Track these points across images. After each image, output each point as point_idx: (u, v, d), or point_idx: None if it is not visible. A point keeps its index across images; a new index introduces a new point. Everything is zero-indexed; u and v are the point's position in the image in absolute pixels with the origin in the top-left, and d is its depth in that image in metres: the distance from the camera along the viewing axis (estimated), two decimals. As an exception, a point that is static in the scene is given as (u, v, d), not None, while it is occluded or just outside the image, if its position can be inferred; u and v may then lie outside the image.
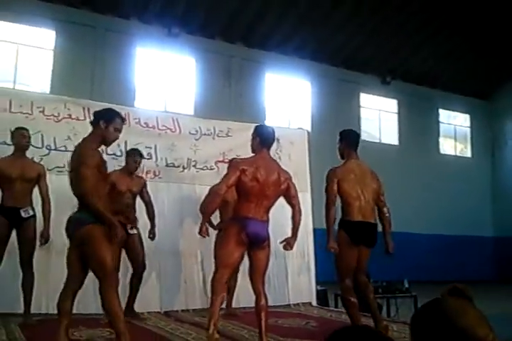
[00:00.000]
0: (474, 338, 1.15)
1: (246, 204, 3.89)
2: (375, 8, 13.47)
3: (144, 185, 5.48)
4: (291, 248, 4.12)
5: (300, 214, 4.12)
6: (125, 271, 5.22)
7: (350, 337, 1.23)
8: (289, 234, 4.12)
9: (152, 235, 5.45)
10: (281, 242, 4.11)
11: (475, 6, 13.64)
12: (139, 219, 5.42)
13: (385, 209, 4.51)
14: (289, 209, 6.66)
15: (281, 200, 6.65)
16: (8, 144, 5.02)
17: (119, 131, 3.59)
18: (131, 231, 5.22)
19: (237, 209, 3.98)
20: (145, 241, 5.42)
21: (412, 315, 1.31)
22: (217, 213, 5.38)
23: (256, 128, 4.16)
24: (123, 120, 3.64)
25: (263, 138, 4.04)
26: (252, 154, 4.13)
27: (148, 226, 5.46)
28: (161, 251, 5.80)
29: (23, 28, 11.59)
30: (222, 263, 3.90)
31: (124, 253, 5.17)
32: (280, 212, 6.63)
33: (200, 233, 4.06)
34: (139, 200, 5.45)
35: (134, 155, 5.32)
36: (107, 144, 3.66)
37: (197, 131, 6.46)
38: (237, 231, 3.83)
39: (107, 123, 3.52)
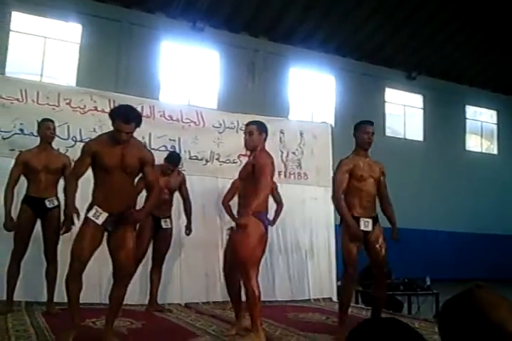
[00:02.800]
0: (505, 332, 1.13)
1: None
2: (401, 2, 13.29)
3: (183, 182, 5.53)
4: None
5: None
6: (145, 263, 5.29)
7: (377, 329, 1.21)
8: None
9: (188, 231, 5.53)
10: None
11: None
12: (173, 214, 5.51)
13: None
14: (309, 206, 6.72)
15: (300, 197, 6.68)
16: (36, 135, 5.10)
17: (122, 131, 3.49)
18: (164, 225, 5.29)
19: (260, 203, 3.95)
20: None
21: (442, 305, 1.30)
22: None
23: (261, 124, 4.25)
24: (126, 121, 3.48)
25: (267, 134, 4.25)
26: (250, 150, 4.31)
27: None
28: (182, 243, 5.84)
29: (50, 21, 11.72)
30: (256, 263, 3.95)
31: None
32: (301, 208, 6.68)
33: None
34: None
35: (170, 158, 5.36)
36: (119, 142, 3.55)
37: (220, 125, 6.48)
38: (263, 229, 3.94)
39: (112, 121, 3.56)
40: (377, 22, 13.75)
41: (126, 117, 3.51)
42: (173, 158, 5.33)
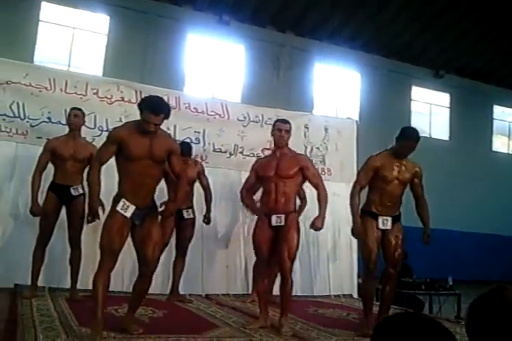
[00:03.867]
0: None
1: None
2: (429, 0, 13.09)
3: (202, 170, 5.52)
4: None
5: None
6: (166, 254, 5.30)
7: (402, 324, 1.19)
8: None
9: (207, 220, 5.52)
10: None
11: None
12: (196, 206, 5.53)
13: None
14: (331, 202, 6.64)
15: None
16: (63, 124, 5.16)
17: (148, 122, 3.43)
18: (186, 216, 5.30)
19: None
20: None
21: (471, 304, 1.29)
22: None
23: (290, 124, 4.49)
24: (155, 113, 3.42)
25: None
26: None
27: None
28: (204, 235, 5.85)
29: (79, 12, 11.82)
30: None
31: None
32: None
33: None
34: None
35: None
36: (146, 132, 3.49)
37: (245, 118, 6.46)
38: None
39: (140, 111, 3.51)
40: (406, 20, 13.56)
41: (155, 108, 3.44)
42: (183, 148, 5.30)
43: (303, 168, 4.27)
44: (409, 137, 4.25)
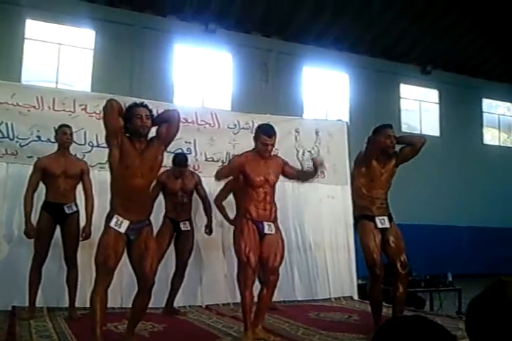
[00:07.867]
0: None
1: None
2: (414, -3, 13.16)
3: (199, 182, 5.49)
4: None
5: None
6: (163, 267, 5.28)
7: (403, 326, 1.19)
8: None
9: (209, 230, 5.45)
10: None
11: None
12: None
13: None
14: (326, 205, 6.69)
15: (317, 196, 6.66)
16: (53, 142, 5.13)
17: (141, 117, 3.48)
18: (183, 228, 5.25)
19: None
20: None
21: (472, 300, 1.27)
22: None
23: None
24: (139, 105, 3.56)
25: None
26: None
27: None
28: (201, 244, 5.84)
29: (64, 28, 11.84)
30: None
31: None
32: (318, 207, 6.66)
33: None
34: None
35: (176, 160, 5.30)
36: (139, 135, 3.52)
37: (235, 125, 6.46)
38: None
39: (129, 117, 3.52)
40: (391, 18, 13.63)
41: (137, 103, 3.61)
42: (179, 160, 5.29)
43: (283, 167, 4.26)
44: (382, 127, 4.46)
